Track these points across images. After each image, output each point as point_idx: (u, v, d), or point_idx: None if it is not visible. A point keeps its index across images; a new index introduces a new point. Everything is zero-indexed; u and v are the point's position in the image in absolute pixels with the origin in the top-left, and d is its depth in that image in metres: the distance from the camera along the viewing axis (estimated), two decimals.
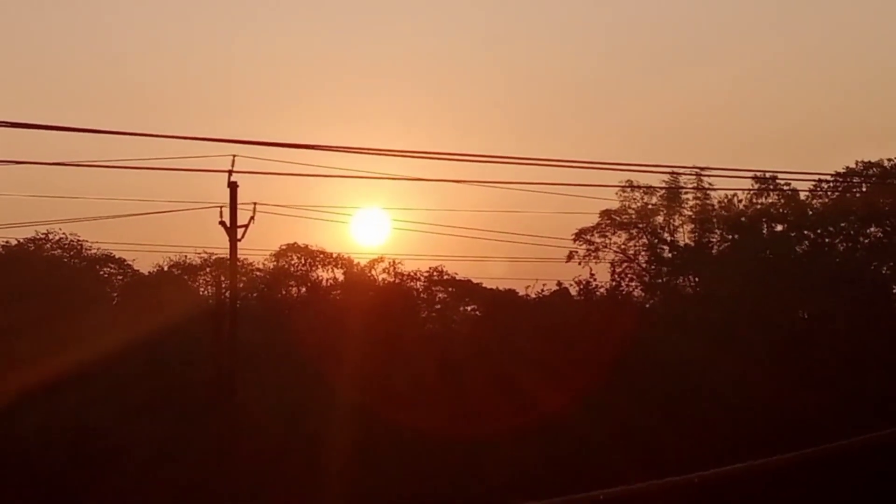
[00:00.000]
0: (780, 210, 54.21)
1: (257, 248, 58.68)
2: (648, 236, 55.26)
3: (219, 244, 44.66)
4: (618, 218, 54.93)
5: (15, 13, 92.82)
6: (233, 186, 39.47)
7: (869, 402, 44.24)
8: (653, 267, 55.01)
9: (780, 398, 44.96)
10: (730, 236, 54.16)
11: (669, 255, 55.19)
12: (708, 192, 54.30)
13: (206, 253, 53.34)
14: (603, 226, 54.94)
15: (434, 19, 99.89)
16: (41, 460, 43.17)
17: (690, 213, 55.24)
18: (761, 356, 47.26)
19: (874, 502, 44.08)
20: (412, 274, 55.11)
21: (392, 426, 45.58)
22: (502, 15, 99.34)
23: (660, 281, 54.78)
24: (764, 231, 54.12)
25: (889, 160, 53.83)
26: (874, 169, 53.49)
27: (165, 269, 54.42)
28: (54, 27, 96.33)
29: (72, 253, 54.15)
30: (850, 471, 43.21)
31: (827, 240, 53.46)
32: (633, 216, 55.16)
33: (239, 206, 39.89)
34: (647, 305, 54.10)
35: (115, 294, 55.35)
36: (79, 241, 54.05)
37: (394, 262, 55.38)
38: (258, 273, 55.85)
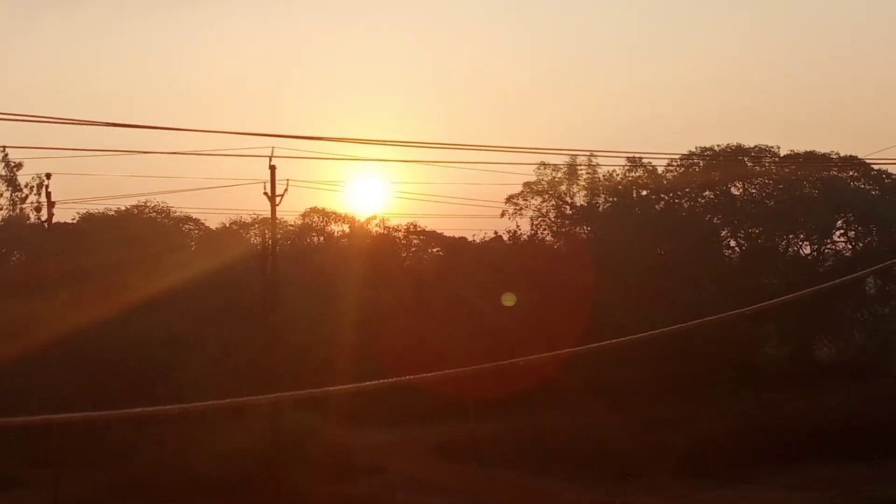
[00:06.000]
0: (645, 180, 54.86)
1: (290, 211, 59.46)
2: (556, 199, 55.40)
3: (263, 208, 44.41)
4: (535, 187, 55.07)
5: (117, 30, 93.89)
6: (272, 168, 40.02)
7: (703, 309, 48.36)
8: (559, 220, 55.55)
9: (645, 311, 46.47)
10: (611, 199, 55.02)
11: (570, 212, 55.71)
12: (596, 168, 54.70)
13: (255, 214, 54.24)
14: (525, 192, 54.41)
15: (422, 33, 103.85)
16: (143, 357, 44.99)
17: (584, 183, 56.14)
18: (632, 281, 49.63)
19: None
20: (395, 227, 56.50)
21: (381, 331, 48.30)
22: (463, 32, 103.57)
23: (564, 230, 55.45)
24: (634, 195, 54.86)
25: (718, 145, 54.90)
26: (709, 151, 54.47)
27: (227, 225, 56.18)
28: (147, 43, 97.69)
29: (163, 215, 54.85)
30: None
31: (676, 201, 54.38)
32: (546, 186, 55.26)
33: (277, 182, 40.56)
34: (555, 247, 55.23)
35: (193, 243, 55.88)
36: (167, 207, 54.61)
37: (383, 219, 56.49)
38: (291, 227, 56.80)
